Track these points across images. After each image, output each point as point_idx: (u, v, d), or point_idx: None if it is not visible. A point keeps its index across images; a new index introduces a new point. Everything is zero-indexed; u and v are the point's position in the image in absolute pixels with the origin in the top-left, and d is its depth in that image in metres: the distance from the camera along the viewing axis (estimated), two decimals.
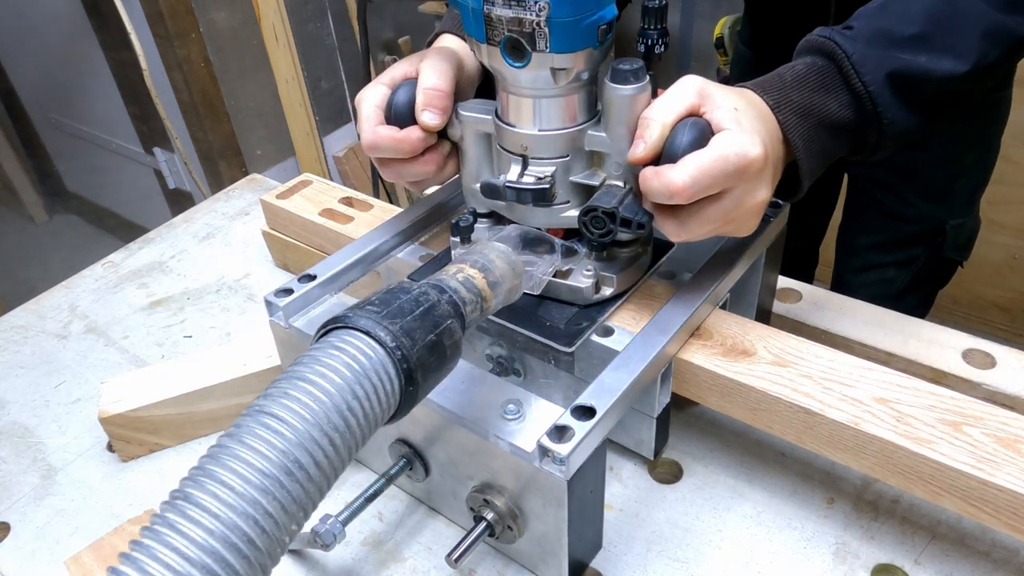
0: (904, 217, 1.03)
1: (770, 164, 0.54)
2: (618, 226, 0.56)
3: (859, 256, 1.11)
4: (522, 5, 0.52)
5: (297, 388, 0.37)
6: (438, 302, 0.45)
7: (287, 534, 0.34)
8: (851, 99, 0.58)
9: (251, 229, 1.03)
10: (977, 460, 0.49)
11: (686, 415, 0.70)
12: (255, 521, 0.33)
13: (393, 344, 0.40)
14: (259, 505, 0.33)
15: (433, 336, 0.42)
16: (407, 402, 0.41)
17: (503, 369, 0.66)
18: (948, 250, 1.04)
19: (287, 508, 0.34)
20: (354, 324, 0.41)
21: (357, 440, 0.38)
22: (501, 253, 0.53)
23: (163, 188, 2.61)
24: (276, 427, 0.35)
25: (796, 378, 0.57)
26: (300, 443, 0.35)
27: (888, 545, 0.59)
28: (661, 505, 0.63)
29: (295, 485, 0.34)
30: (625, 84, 0.55)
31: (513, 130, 0.60)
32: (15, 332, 0.89)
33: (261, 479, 0.33)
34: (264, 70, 2.24)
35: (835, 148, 0.60)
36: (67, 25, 2.39)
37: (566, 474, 0.49)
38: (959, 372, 0.65)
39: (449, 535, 0.62)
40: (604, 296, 0.63)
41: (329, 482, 0.37)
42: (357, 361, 0.39)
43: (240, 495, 0.33)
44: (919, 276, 1.07)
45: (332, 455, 0.36)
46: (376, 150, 0.63)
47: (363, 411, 0.38)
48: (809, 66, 0.58)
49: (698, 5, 2.24)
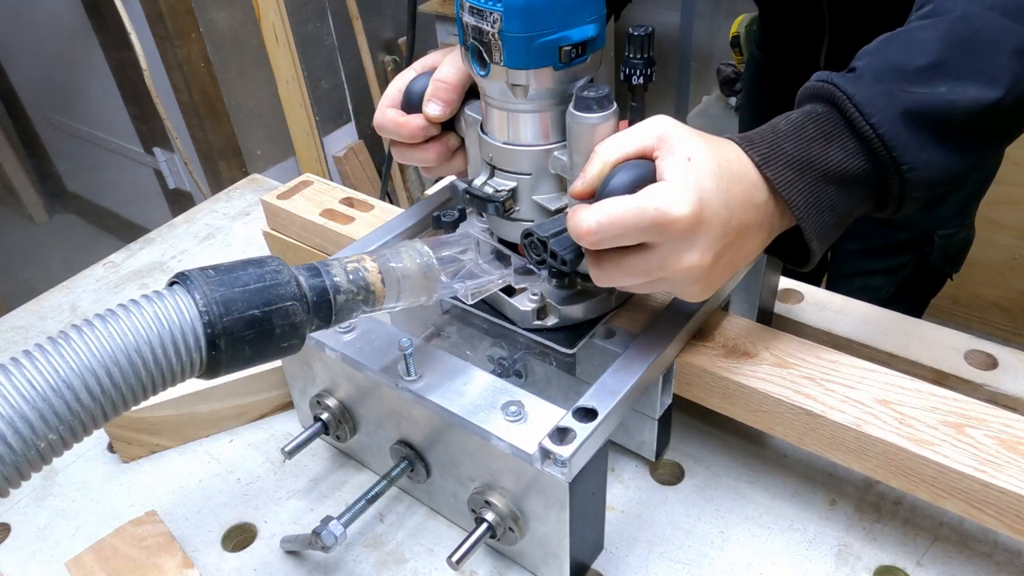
0: (893, 224, 1.01)
1: (709, 228, 0.48)
2: (548, 257, 0.53)
3: (847, 261, 1.10)
4: (480, 15, 0.51)
5: (101, 323, 0.41)
6: (287, 282, 0.45)
7: (45, 442, 0.39)
8: (859, 146, 0.51)
9: (252, 229, 1.03)
10: (979, 462, 0.49)
11: (688, 417, 0.70)
12: (10, 422, 0.38)
13: (204, 308, 0.43)
14: (19, 410, 0.38)
15: (258, 312, 0.44)
16: (212, 364, 0.44)
17: (504, 370, 0.66)
18: (936, 261, 1.02)
19: (47, 420, 0.39)
20: (183, 281, 0.44)
21: (144, 383, 0.42)
22: (416, 253, 0.53)
23: (163, 188, 2.61)
24: (62, 351, 0.40)
25: (798, 379, 0.56)
26: (76, 370, 0.40)
27: (890, 547, 0.59)
28: (663, 507, 0.63)
29: (60, 402, 0.39)
30: (587, 112, 0.53)
31: (484, 138, 0.60)
32: (15, 332, 0.89)
33: (28, 390, 0.38)
34: (264, 70, 2.24)
35: (849, 205, 0.52)
36: (67, 25, 2.39)
37: (568, 476, 0.49)
38: (961, 373, 0.65)
39: (450, 536, 0.62)
40: (546, 325, 0.61)
41: (106, 410, 0.41)
42: (166, 314, 0.42)
43: (3, 398, 0.38)
44: (905, 285, 1.05)
45: (108, 387, 0.40)
46: (381, 129, 0.65)
47: (155, 359, 0.42)
48: (807, 114, 0.52)
49: (698, 5, 2.24)
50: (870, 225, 1.04)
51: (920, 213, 0.98)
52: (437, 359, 0.58)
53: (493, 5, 0.50)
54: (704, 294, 0.52)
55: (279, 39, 2.15)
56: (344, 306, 0.49)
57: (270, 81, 2.25)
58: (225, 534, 0.64)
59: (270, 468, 0.69)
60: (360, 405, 0.63)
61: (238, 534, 0.64)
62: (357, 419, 0.64)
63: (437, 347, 0.60)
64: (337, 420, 0.64)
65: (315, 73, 2.39)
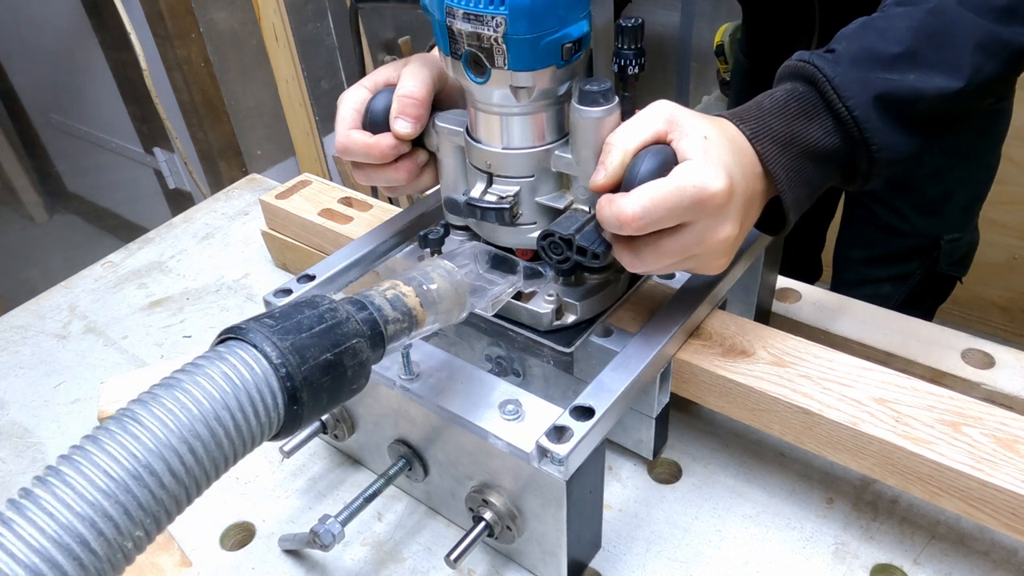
0: (898, 231, 1.02)
1: (737, 199, 0.51)
2: (575, 254, 0.53)
3: (854, 270, 1.10)
4: (480, 20, 0.50)
5: (169, 394, 0.36)
6: (347, 319, 0.43)
7: (131, 540, 0.34)
8: (835, 125, 0.54)
9: (251, 229, 1.03)
10: (976, 460, 0.50)
11: (685, 415, 0.70)
12: (92, 524, 0.32)
13: (279, 360, 0.39)
14: (99, 508, 0.32)
15: (330, 355, 0.41)
16: (292, 421, 0.40)
17: (502, 369, 0.66)
18: (944, 265, 1.02)
19: (132, 514, 0.33)
20: (244, 336, 0.40)
21: (227, 453, 0.37)
22: (445, 272, 0.51)
23: (163, 188, 2.61)
24: (135, 431, 0.35)
25: (795, 378, 0.57)
26: (156, 450, 0.34)
27: (887, 545, 0.59)
28: (660, 505, 0.63)
29: (144, 491, 0.34)
30: (592, 106, 0.53)
31: (478, 146, 0.58)
32: (15, 332, 0.89)
33: (107, 482, 0.33)
34: (264, 70, 2.24)
35: (821, 178, 0.56)
36: (67, 25, 2.39)
37: (565, 474, 0.49)
38: (958, 372, 0.65)
39: (448, 535, 0.62)
40: (565, 323, 0.61)
41: (189, 492, 0.36)
42: (238, 373, 0.38)
43: (80, 496, 0.32)
44: (915, 292, 1.05)
45: (192, 465, 0.36)
46: (347, 153, 0.62)
47: (235, 424, 0.37)
48: (789, 93, 0.55)
49: (698, 5, 2.24)
50: (875, 233, 1.04)
51: (925, 218, 0.99)
52: (435, 358, 0.58)
53: (496, 9, 0.49)
54: (725, 266, 0.55)
55: (279, 39, 2.15)
56: (393, 336, 0.46)
57: (270, 81, 2.25)
58: (223, 533, 0.64)
59: (268, 467, 0.69)
60: (358, 404, 0.63)
61: (236, 533, 0.64)
62: (355, 418, 0.64)
63: (435, 346, 0.60)
64: (335, 419, 0.64)
65: (315, 73, 2.39)
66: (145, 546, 0.35)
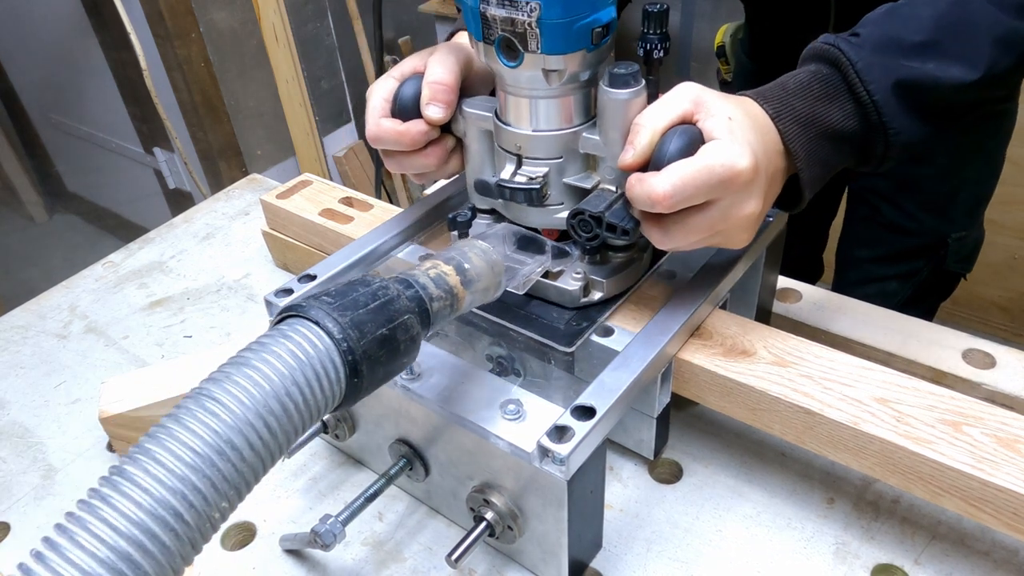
0: (905, 230, 1.02)
1: (762, 176, 0.53)
2: (604, 231, 0.55)
3: (859, 269, 1.10)
4: (514, 5, 0.52)
5: (240, 372, 0.38)
6: (397, 296, 0.45)
7: (217, 511, 0.36)
8: (856, 109, 0.56)
9: (251, 229, 1.03)
10: (977, 460, 0.49)
11: (686, 415, 0.70)
12: (183, 496, 0.34)
13: (340, 336, 0.41)
14: (188, 481, 0.35)
15: (385, 330, 0.43)
16: (352, 393, 0.42)
17: (503, 369, 0.66)
18: (951, 263, 1.03)
19: (218, 486, 0.35)
20: (305, 313, 0.41)
21: (296, 425, 0.39)
22: (480, 251, 0.52)
23: (163, 188, 2.61)
24: (214, 409, 0.37)
25: (796, 378, 0.57)
26: (235, 426, 0.36)
27: (888, 545, 0.59)
28: (661, 505, 0.63)
29: (227, 465, 0.36)
30: (621, 88, 0.55)
31: (509, 129, 0.60)
32: (15, 332, 0.89)
33: (193, 457, 0.35)
34: (264, 70, 2.24)
35: (838, 159, 0.58)
36: (67, 25, 2.39)
37: (566, 474, 0.49)
38: (959, 372, 0.65)
39: (449, 535, 0.62)
40: (593, 300, 0.63)
41: (265, 463, 0.38)
42: (302, 349, 0.40)
43: (171, 471, 0.34)
44: (921, 289, 1.05)
45: (268, 438, 0.38)
46: (379, 142, 0.63)
47: (303, 398, 0.39)
48: (813, 74, 0.57)
49: (698, 6, 2.24)
50: (881, 233, 1.04)
51: (932, 217, 1.00)
52: (436, 358, 0.58)
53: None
54: (749, 240, 0.57)
55: (279, 39, 2.15)
56: (438, 314, 0.48)
57: (270, 81, 2.25)
58: (224, 533, 0.64)
59: None
60: (359, 404, 0.63)
61: (237, 533, 0.64)
62: (356, 418, 0.64)
63: (436, 346, 0.60)
64: (336, 419, 0.64)
65: (315, 73, 2.39)
66: (228, 516, 0.37)
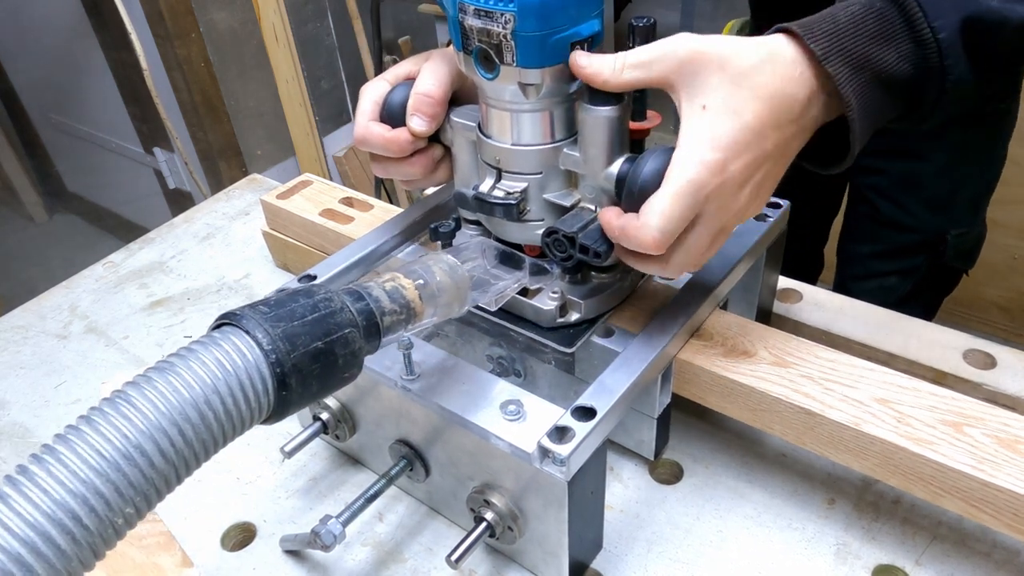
0: (905, 226, 1.02)
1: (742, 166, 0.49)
2: (577, 252, 0.54)
3: (860, 264, 1.10)
4: (490, 16, 0.51)
5: (162, 377, 0.38)
6: (340, 309, 0.43)
7: (122, 516, 0.35)
8: (913, 50, 0.49)
9: (251, 229, 1.03)
10: (978, 461, 0.49)
11: (686, 416, 0.70)
12: (84, 500, 0.34)
13: (270, 347, 0.40)
14: (91, 485, 0.34)
15: (321, 344, 0.41)
16: (282, 406, 0.41)
17: (503, 369, 0.66)
18: (951, 259, 1.03)
19: (123, 492, 0.35)
20: (237, 322, 0.41)
21: (216, 435, 0.39)
22: (447, 266, 0.51)
23: (163, 188, 2.61)
24: (127, 412, 0.36)
25: (797, 379, 0.57)
26: (147, 431, 0.36)
27: (889, 546, 0.59)
28: (662, 506, 0.63)
29: (135, 471, 0.35)
30: (604, 105, 0.53)
31: (489, 142, 0.58)
32: (15, 332, 0.89)
33: (99, 461, 0.34)
34: (264, 70, 2.24)
35: (888, 109, 0.51)
36: (67, 25, 2.39)
37: (566, 475, 0.49)
38: (960, 373, 0.65)
39: (449, 536, 0.62)
40: (569, 320, 0.61)
41: (179, 471, 0.38)
42: (229, 359, 0.39)
43: (74, 473, 0.34)
44: (921, 284, 1.05)
45: (182, 446, 0.37)
46: (365, 145, 0.62)
47: (225, 408, 0.38)
48: (867, 8, 0.50)
49: (698, 5, 2.24)
50: (881, 229, 1.04)
51: (932, 214, 0.99)
52: (436, 358, 0.58)
53: (505, 6, 0.49)
54: (760, 210, 0.54)
55: (279, 39, 2.15)
56: (389, 327, 0.47)
57: (270, 81, 2.25)
58: (224, 533, 0.64)
59: (269, 467, 0.69)
60: (359, 404, 0.63)
61: (237, 533, 0.64)
62: (356, 418, 0.64)
63: (436, 346, 0.60)
64: (336, 419, 0.64)
65: (315, 73, 2.39)
66: (135, 522, 0.36)
